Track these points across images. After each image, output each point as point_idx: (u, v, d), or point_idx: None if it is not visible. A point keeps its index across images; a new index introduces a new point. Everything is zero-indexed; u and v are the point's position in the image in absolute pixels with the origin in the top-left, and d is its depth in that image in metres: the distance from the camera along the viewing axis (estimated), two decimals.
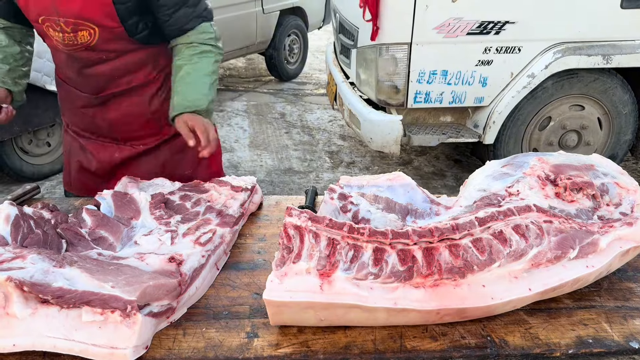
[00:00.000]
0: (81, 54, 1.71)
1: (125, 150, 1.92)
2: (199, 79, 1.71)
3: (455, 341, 1.15)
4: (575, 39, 3.70)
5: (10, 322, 1.07)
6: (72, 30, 1.64)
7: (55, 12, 1.60)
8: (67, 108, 1.95)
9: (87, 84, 1.81)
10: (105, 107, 1.84)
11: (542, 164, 1.47)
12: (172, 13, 1.69)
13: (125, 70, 1.78)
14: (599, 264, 1.22)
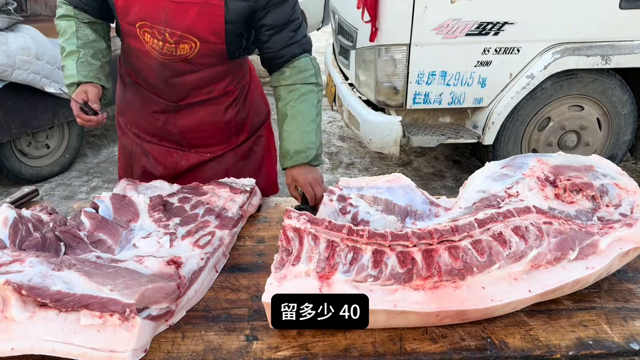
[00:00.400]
0: (175, 65, 1.70)
1: (192, 158, 1.92)
2: (305, 126, 1.68)
3: (455, 343, 1.15)
4: (574, 40, 3.71)
5: (9, 325, 1.07)
6: (175, 42, 1.63)
7: (164, 22, 1.59)
8: (135, 111, 1.92)
9: (170, 92, 1.79)
10: (179, 114, 1.83)
11: (541, 165, 1.47)
12: (272, 35, 1.66)
13: (209, 81, 1.79)
14: (598, 265, 1.22)
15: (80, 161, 5.07)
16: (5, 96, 3.94)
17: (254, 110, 1.98)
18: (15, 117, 4.08)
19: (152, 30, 1.61)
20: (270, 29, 1.66)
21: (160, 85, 1.77)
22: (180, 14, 1.58)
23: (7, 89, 3.90)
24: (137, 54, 1.73)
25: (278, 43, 1.68)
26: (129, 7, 1.61)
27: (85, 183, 4.67)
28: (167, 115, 1.84)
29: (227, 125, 1.89)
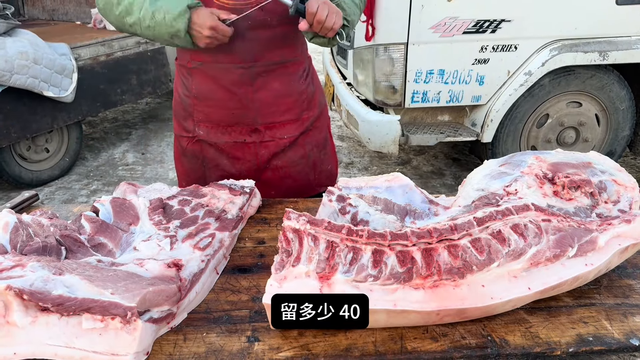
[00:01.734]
0: (243, 7, 1.69)
1: (270, 146, 1.91)
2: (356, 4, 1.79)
3: (456, 341, 1.15)
4: (571, 36, 3.72)
5: (11, 330, 1.07)
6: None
7: None
8: (207, 100, 1.87)
9: (245, 49, 1.76)
10: (255, 85, 1.81)
11: (539, 163, 1.47)
12: None
13: (281, 41, 1.80)
14: (598, 261, 1.22)
15: (80, 164, 5.08)
16: (4, 101, 3.95)
17: (318, 85, 2.03)
18: (14, 121, 4.09)
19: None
20: None
21: (236, 43, 1.74)
22: None
23: (6, 93, 3.91)
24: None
25: None
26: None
27: (85, 186, 4.68)
28: (243, 87, 1.81)
29: (300, 97, 1.90)
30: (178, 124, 2.00)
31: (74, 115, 4.60)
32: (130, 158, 5.26)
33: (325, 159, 2.06)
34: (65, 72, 4.28)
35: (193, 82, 1.87)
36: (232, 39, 1.68)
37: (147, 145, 5.58)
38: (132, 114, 6.60)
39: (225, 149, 1.91)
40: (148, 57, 5.26)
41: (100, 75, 4.78)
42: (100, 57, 4.79)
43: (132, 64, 5.11)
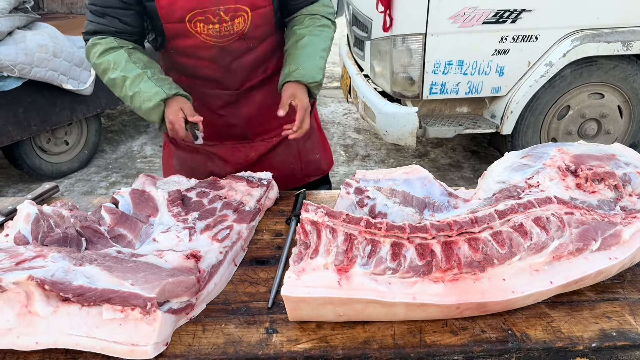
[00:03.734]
0: (233, 45, 1.71)
1: (260, 147, 1.92)
2: (318, 52, 1.73)
3: (476, 335, 1.14)
4: (593, 26, 3.64)
5: (33, 320, 1.08)
6: (230, 18, 1.64)
7: (215, 1, 1.60)
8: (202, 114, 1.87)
9: (231, 79, 1.80)
10: (240, 104, 1.84)
11: (562, 155, 1.44)
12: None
13: (264, 58, 1.82)
14: (622, 255, 1.19)
15: (99, 157, 5.13)
16: (24, 93, 4.00)
17: None
18: (34, 114, 4.15)
19: (205, 15, 1.61)
20: None
21: (220, 74, 1.76)
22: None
23: (26, 86, 3.95)
24: (190, 51, 1.72)
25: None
26: (173, 4, 1.59)
27: (104, 178, 4.73)
28: (228, 108, 1.83)
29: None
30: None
31: (93, 107, 4.64)
32: (148, 150, 5.30)
33: (311, 148, 2.03)
34: (84, 65, 4.32)
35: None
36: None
37: None
38: None
39: (215, 152, 1.92)
40: None
41: None
42: None
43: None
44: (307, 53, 1.70)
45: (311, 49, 1.71)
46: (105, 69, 1.64)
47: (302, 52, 1.70)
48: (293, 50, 1.72)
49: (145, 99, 1.58)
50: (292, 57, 1.71)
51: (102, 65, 1.64)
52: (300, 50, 1.70)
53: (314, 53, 1.71)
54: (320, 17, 1.79)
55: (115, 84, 1.63)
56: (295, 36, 1.75)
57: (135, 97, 1.60)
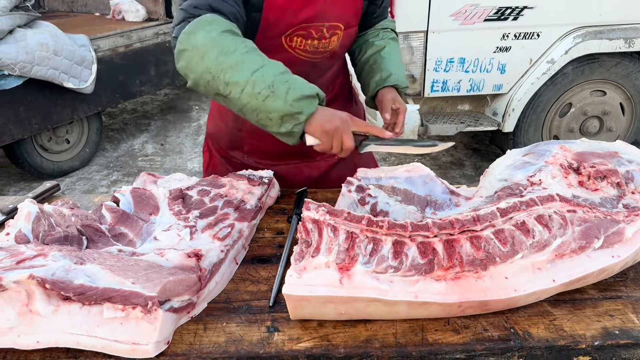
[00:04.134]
0: (323, 62, 1.71)
1: (322, 165, 1.92)
2: (400, 60, 1.80)
3: (478, 334, 1.14)
4: (595, 23, 3.63)
5: (34, 319, 1.08)
6: (330, 35, 1.62)
7: (323, 17, 1.58)
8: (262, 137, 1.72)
9: None
10: None
11: (564, 152, 1.44)
12: (381, 4, 1.83)
13: (334, 78, 1.84)
14: (625, 253, 1.19)
15: (100, 155, 5.13)
16: (25, 92, 4.00)
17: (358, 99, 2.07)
18: (35, 112, 4.15)
19: (307, 30, 1.57)
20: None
21: None
22: (336, 3, 1.59)
23: (27, 85, 3.96)
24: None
25: (384, 10, 1.86)
26: (281, 17, 1.52)
27: (106, 177, 4.73)
28: None
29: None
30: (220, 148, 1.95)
31: (94, 106, 4.64)
32: (149, 149, 5.30)
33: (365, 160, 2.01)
34: (84, 64, 4.32)
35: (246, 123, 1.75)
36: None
37: (165, 136, 5.62)
38: (150, 105, 6.64)
39: (278, 171, 1.85)
40: (166, 48, 5.28)
41: (119, 67, 4.81)
42: (119, 48, 4.82)
43: (150, 55, 5.13)
44: (394, 60, 1.75)
45: (395, 57, 1.77)
46: (228, 46, 1.33)
47: (389, 60, 1.75)
48: (378, 58, 1.76)
49: (298, 87, 1.32)
50: (380, 64, 1.74)
51: (222, 42, 1.33)
52: (387, 58, 1.75)
53: (397, 61, 1.77)
54: (391, 31, 1.86)
55: (245, 63, 1.32)
56: (374, 47, 1.79)
57: (277, 83, 1.30)
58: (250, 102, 1.32)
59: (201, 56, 1.33)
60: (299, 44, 1.60)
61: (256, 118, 1.35)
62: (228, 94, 1.34)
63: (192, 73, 1.37)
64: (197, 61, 1.34)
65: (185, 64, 1.37)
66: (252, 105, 1.32)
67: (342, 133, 1.35)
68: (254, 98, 1.31)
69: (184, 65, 1.38)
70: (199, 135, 5.62)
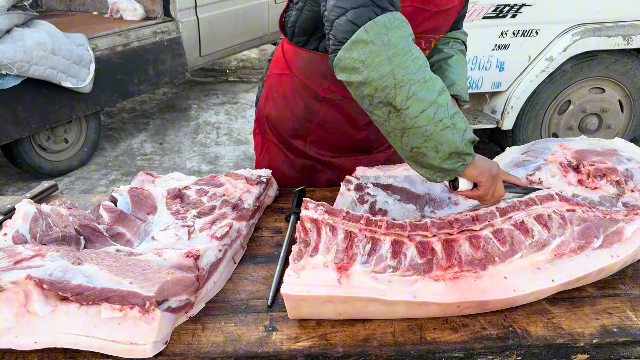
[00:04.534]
0: None
1: (380, 157, 1.89)
2: (465, 73, 1.74)
3: (476, 332, 1.13)
4: (594, 20, 3.62)
5: (31, 320, 1.08)
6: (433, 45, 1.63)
7: (440, 30, 1.57)
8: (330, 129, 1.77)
9: None
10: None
11: (563, 150, 1.44)
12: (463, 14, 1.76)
13: None
14: (624, 253, 1.19)
15: (98, 155, 5.12)
16: (23, 92, 3.99)
17: None
18: (33, 112, 4.14)
19: (419, 40, 1.53)
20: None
21: None
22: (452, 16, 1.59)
23: (25, 84, 3.94)
24: None
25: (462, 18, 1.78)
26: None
27: (104, 176, 4.72)
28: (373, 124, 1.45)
29: None
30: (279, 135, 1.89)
31: (92, 105, 4.63)
32: (148, 148, 5.29)
33: None
34: (82, 63, 4.31)
35: (321, 108, 1.73)
36: None
37: (164, 135, 5.61)
38: (149, 104, 6.63)
39: (336, 163, 1.85)
40: (164, 46, 5.27)
41: (118, 66, 4.80)
42: (117, 47, 4.81)
43: (148, 53, 5.12)
44: (459, 71, 1.69)
45: (460, 68, 1.71)
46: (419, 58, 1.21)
47: (455, 69, 1.68)
48: (444, 65, 1.69)
49: (469, 126, 1.25)
50: (444, 72, 1.68)
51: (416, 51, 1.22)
52: (453, 67, 1.68)
53: (463, 73, 1.71)
54: (461, 43, 1.80)
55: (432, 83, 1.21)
56: (442, 53, 1.72)
57: (458, 117, 1.22)
58: (427, 126, 1.19)
59: (390, 58, 1.17)
60: None
61: (421, 143, 1.21)
62: (405, 108, 1.19)
63: (369, 71, 1.19)
64: (382, 60, 1.17)
65: (364, 57, 1.18)
66: (427, 130, 1.19)
67: (498, 180, 1.30)
68: (432, 124, 1.18)
69: (358, 58, 1.19)
70: (198, 133, 5.61)
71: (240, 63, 8.04)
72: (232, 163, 4.90)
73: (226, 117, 6.07)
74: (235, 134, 5.58)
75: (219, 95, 6.84)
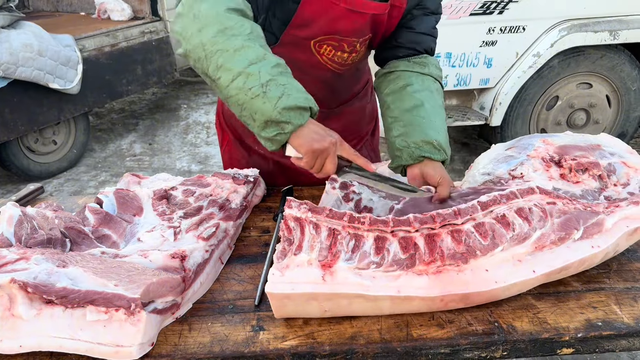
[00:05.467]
0: (347, 72, 1.63)
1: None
2: (444, 122, 1.49)
3: (462, 328, 1.14)
4: (580, 16, 3.65)
5: (16, 323, 1.07)
6: (361, 48, 1.56)
7: (362, 33, 1.49)
8: None
9: (333, 99, 1.73)
10: (330, 120, 1.63)
11: (546, 146, 1.44)
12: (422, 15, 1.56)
13: (359, 77, 1.79)
14: (604, 244, 1.20)
15: (88, 156, 5.09)
16: (10, 93, 3.96)
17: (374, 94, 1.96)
18: (21, 114, 4.11)
19: (340, 43, 1.48)
20: (422, 8, 1.54)
21: (324, 93, 1.62)
22: (384, 19, 1.50)
23: (12, 86, 3.91)
24: (300, 65, 1.49)
25: (423, 26, 1.55)
26: (314, 21, 1.43)
27: (94, 178, 4.70)
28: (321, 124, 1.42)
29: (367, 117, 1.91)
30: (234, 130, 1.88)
31: (81, 106, 4.60)
32: (137, 149, 5.27)
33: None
34: (70, 64, 4.28)
35: None
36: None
37: (154, 135, 5.59)
38: (138, 104, 6.60)
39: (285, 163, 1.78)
40: (153, 46, 5.24)
41: (106, 66, 4.77)
42: (105, 48, 4.78)
43: (137, 54, 5.09)
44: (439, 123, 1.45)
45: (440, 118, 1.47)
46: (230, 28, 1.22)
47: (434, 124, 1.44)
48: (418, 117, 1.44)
49: (293, 95, 1.20)
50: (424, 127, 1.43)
51: (226, 20, 1.22)
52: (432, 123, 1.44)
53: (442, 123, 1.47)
54: (434, 81, 1.55)
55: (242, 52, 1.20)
56: (411, 98, 1.48)
57: (271, 84, 1.19)
58: (238, 95, 1.21)
59: (199, 29, 1.22)
60: (327, 52, 1.51)
61: (239, 113, 1.25)
62: (217, 78, 1.22)
63: (186, 42, 1.25)
64: (193, 32, 1.23)
65: (181, 30, 1.26)
66: (239, 99, 1.21)
67: (327, 155, 1.25)
68: (242, 92, 1.20)
69: (178, 30, 1.27)
70: (188, 134, 5.59)
71: None
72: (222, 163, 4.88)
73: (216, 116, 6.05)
74: None
75: (209, 94, 6.82)
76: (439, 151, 1.40)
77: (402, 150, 1.42)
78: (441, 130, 1.44)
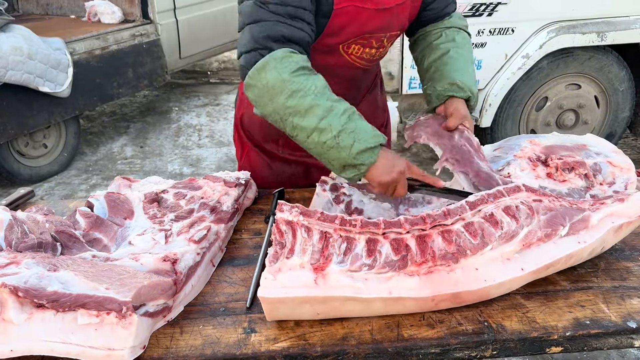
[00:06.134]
0: (370, 67, 1.69)
1: None
2: (469, 64, 1.63)
3: (452, 328, 1.15)
4: (569, 17, 3.68)
5: (7, 327, 1.07)
6: (387, 43, 1.60)
7: (389, 28, 1.54)
8: None
9: (355, 94, 1.77)
10: None
11: (533, 146, 1.46)
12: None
13: (374, 72, 1.84)
14: (590, 239, 1.21)
15: (78, 159, 5.07)
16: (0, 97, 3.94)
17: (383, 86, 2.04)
18: (11, 117, 4.08)
19: (368, 40, 1.54)
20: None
21: (349, 90, 1.68)
22: (402, 13, 1.56)
23: (2, 89, 3.89)
24: (330, 68, 1.55)
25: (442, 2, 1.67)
26: (343, 28, 1.49)
27: (85, 181, 4.68)
28: None
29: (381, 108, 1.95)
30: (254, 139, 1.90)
31: (71, 110, 4.57)
32: (129, 152, 5.25)
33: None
34: (60, 67, 4.26)
35: None
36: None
37: (145, 138, 5.57)
38: (129, 107, 6.58)
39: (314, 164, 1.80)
40: (143, 49, 5.23)
41: (96, 69, 4.75)
42: (96, 51, 4.76)
43: (127, 56, 5.07)
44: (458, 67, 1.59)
45: (460, 64, 1.60)
46: (298, 90, 1.31)
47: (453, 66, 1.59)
48: (441, 65, 1.61)
49: (362, 139, 1.31)
50: (442, 72, 1.60)
51: (292, 84, 1.32)
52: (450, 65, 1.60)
53: (462, 67, 1.61)
54: (459, 30, 1.68)
55: (314, 110, 1.31)
56: (437, 50, 1.64)
57: (343, 134, 1.31)
58: (316, 148, 1.35)
59: (270, 97, 1.34)
60: (356, 52, 1.57)
61: (319, 158, 1.39)
62: (295, 136, 1.37)
63: (261, 109, 1.39)
64: (266, 101, 1.35)
65: (255, 98, 1.39)
66: (317, 152, 1.36)
67: (397, 184, 1.36)
68: (319, 146, 1.33)
69: (252, 98, 1.39)
70: (179, 136, 5.58)
71: (221, 64, 8.00)
72: (214, 165, 4.88)
73: (208, 119, 6.04)
74: (217, 136, 5.56)
75: (201, 97, 6.80)
76: (462, 89, 1.55)
77: (431, 95, 1.62)
78: (465, 72, 1.59)
